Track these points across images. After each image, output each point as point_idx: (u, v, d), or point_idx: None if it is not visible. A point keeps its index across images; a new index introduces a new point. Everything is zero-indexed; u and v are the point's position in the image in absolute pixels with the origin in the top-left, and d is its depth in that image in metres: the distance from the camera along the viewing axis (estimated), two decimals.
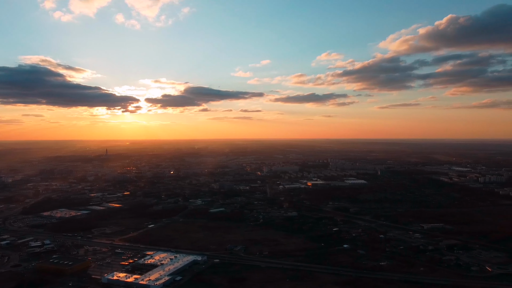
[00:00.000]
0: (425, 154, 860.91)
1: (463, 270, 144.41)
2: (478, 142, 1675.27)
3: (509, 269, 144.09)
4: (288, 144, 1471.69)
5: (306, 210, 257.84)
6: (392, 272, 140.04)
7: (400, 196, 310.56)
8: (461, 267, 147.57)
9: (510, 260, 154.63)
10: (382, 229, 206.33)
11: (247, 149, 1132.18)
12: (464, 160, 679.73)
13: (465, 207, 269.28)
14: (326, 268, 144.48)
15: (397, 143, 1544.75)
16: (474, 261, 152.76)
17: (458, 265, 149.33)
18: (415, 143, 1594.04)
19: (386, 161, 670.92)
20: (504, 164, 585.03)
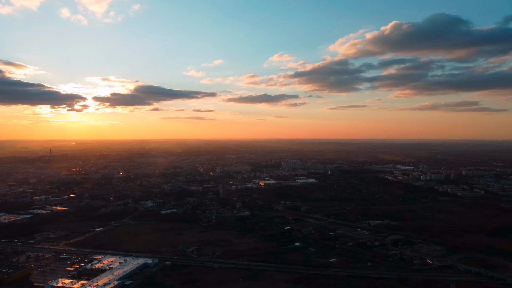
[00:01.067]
0: (372, 154, 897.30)
1: (407, 263, 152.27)
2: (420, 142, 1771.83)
3: (447, 261, 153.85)
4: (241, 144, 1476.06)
5: (259, 210, 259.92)
6: (341, 268, 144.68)
7: (349, 194, 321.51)
8: (404, 261, 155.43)
9: (448, 253, 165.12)
10: (332, 226, 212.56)
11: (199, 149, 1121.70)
12: (408, 159, 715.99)
13: (409, 204, 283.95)
14: (279, 267, 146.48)
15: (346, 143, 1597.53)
16: (417, 255, 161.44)
17: (402, 259, 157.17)
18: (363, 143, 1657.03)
19: (335, 160, 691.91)
20: (443, 163, 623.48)
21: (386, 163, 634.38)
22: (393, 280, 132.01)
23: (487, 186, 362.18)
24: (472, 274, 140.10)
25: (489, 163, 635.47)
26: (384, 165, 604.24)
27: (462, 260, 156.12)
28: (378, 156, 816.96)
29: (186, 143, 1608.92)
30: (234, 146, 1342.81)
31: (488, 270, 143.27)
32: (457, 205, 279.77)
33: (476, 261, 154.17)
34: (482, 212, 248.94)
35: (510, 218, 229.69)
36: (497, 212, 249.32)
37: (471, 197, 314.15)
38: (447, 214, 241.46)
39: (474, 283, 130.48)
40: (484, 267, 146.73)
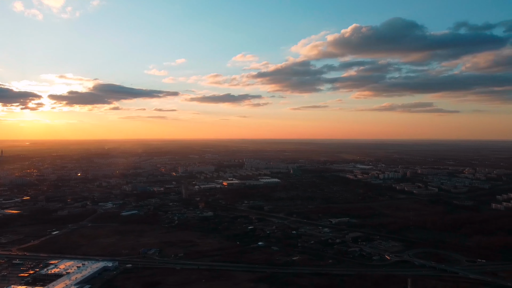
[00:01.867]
0: (333, 153, 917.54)
1: (366, 259, 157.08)
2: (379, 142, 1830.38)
3: (404, 256, 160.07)
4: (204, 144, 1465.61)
5: (222, 210, 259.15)
6: (303, 266, 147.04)
7: (311, 193, 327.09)
8: (364, 257, 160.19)
9: (405, 248, 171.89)
10: (295, 225, 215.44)
11: (161, 149, 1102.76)
12: (367, 159, 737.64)
13: (368, 202, 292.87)
14: (242, 266, 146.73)
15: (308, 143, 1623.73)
16: (376, 251, 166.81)
17: (361, 256, 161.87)
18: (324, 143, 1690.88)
19: (298, 160, 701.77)
20: (400, 162, 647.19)
21: (346, 163, 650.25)
22: (353, 276, 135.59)
23: (441, 184, 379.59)
24: (427, 268, 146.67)
25: (442, 162, 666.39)
26: (344, 164, 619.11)
27: (418, 254, 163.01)
28: (339, 156, 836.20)
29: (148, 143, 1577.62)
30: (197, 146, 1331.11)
31: (441, 263, 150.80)
32: (413, 202, 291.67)
33: (430, 255, 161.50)
34: (436, 209, 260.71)
35: (461, 214, 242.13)
36: (449, 209, 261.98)
37: (426, 194, 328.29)
38: (404, 211, 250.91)
39: (429, 277, 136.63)
40: (438, 261, 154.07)
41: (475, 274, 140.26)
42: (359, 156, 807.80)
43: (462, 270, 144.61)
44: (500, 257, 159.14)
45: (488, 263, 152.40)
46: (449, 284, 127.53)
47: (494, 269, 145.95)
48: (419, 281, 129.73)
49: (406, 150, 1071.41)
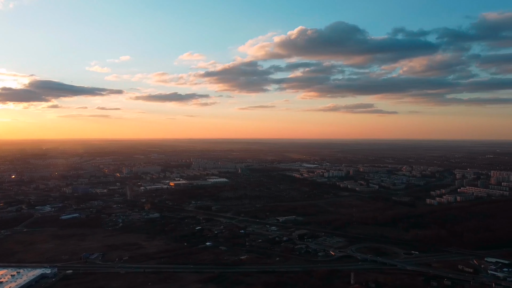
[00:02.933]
0: (280, 153, 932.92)
1: (312, 256, 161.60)
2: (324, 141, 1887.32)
3: (347, 252, 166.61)
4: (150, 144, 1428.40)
5: (169, 211, 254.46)
6: (251, 265, 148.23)
7: (259, 192, 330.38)
8: (310, 253, 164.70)
9: (348, 243, 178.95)
10: (243, 224, 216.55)
11: (104, 149, 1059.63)
12: (313, 158, 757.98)
13: (314, 200, 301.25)
14: (190, 267, 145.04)
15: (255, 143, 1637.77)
16: (321, 247, 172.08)
17: (307, 252, 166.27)
18: (272, 142, 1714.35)
19: (246, 159, 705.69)
20: (343, 161, 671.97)
21: (293, 162, 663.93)
22: (300, 273, 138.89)
23: (381, 181, 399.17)
24: (369, 262, 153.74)
25: (382, 160, 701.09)
26: (291, 163, 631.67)
27: (360, 249, 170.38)
28: (286, 155, 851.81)
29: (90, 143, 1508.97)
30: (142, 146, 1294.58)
31: (382, 257, 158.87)
32: (356, 199, 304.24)
33: (372, 249, 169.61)
34: (377, 205, 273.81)
35: (399, 209, 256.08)
36: (388, 205, 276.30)
37: (368, 191, 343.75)
38: (348, 208, 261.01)
39: (370, 270, 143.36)
40: (378, 254, 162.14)
41: (412, 265, 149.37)
42: (305, 155, 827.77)
43: (400, 262, 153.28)
44: (433, 249, 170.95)
45: (423, 255, 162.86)
46: (389, 276, 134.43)
47: (428, 260, 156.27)
48: (361, 274, 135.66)
49: (349, 149, 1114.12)
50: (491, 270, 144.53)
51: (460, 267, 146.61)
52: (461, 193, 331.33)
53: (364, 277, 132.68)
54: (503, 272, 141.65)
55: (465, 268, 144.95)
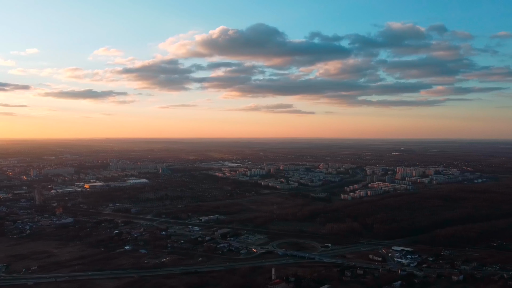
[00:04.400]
0: (202, 152, 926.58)
1: (234, 254, 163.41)
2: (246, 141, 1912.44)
3: (269, 248, 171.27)
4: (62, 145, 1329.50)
5: (84, 215, 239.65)
6: (173, 267, 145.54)
7: (181, 193, 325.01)
8: (232, 252, 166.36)
9: (270, 240, 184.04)
10: (164, 226, 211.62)
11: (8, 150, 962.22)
12: (235, 157, 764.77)
13: (236, 198, 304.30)
14: (107, 274, 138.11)
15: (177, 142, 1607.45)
16: (243, 245, 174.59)
17: (230, 251, 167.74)
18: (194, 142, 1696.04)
19: (167, 159, 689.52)
20: (265, 159, 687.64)
21: (215, 161, 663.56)
22: (222, 272, 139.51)
23: (300, 179, 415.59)
24: (289, 257, 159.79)
25: (301, 158, 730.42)
26: (213, 162, 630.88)
27: (280, 245, 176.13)
28: (208, 154, 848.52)
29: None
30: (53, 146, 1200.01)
31: (301, 251, 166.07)
32: (277, 196, 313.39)
33: (291, 244, 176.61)
34: (296, 202, 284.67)
35: (317, 205, 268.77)
36: (307, 201, 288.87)
37: (288, 189, 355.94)
38: (269, 205, 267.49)
39: (290, 264, 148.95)
40: (298, 249, 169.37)
41: (328, 258, 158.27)
42: (228, 155, 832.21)
43: (318, 255, 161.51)
44: (348, 241, 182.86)
45: (338, 247, 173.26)
46: (307, 269, 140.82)
47: (343, 252, 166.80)
48: (282, 269, 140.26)
49: (270, 148, 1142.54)
50: (397, 257, 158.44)
51: (370, 256, 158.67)
52: (371, 188, 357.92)
53: (284, 271, 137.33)
54: (407, 259, 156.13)
55: (375, 257, 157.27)
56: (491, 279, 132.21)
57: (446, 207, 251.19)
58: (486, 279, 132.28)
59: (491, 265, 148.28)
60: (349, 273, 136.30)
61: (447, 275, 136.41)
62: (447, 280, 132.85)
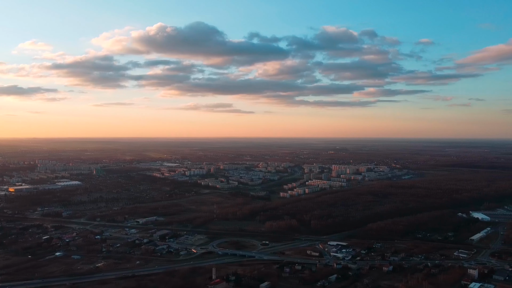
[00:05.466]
0: (139, 152, 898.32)
1: (174, 255, 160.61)
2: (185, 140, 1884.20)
3: (209, 248, 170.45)
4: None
5: (8, 221, 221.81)
6: (109, 272, 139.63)
7: (116, 194, 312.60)
8: (172, 253, 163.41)
9: (210, 240, 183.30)
10: (98, 229, 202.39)
11: None
12: (174, 157, 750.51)
13: (175, 199, 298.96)
14: (35, 283, 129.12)
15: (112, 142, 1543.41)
16: (183, 246, 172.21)
17: (169, 252, 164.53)
18: (130, 141, 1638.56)
19: (101, 160, 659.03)
20: (205, 159, 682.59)
21: (153, 161, 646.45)
22: (161, 274, 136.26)
23: (240, 178, 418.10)
24: (229, 256, 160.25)
25: (241, 157, 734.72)
26: (151, 163, 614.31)
27: (221, 244, 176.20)
28: (146, 154, 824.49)
29: None
30: None
31: (241, 250, 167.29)
32: (217, 196, 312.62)
33: (232, 243, 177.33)
34: (236, 201, 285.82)
35: (257, 204, 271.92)
36: (247, 200, 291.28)
37: (228, 188, 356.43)
38: (209, 205, 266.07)
39: (231, 263, 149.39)
40: (238, 248, 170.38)
41: (268, 255, 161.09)
42: (166, 154, 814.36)
43: (258, 253, 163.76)
44: (286, 238, 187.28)
45: (277, 244, 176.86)
46: (247, 267, 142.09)
47: (282, 249, 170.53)
48: (222, 268, 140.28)
49: (210, 148, 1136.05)
50: (333, 252, 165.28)
51: (308, 252, 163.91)
52: (308, 185, 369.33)
53: (225, 271, 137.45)
54: (342, 253, 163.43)
55: (313, 253, 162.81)
56: (417, 268, 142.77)
57: (377, 202, 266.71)
58: (413, 268, 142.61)
59: (417, 255, 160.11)
60: (288, 269, 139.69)
61: (378, 266, 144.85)
62: (378, 271, 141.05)
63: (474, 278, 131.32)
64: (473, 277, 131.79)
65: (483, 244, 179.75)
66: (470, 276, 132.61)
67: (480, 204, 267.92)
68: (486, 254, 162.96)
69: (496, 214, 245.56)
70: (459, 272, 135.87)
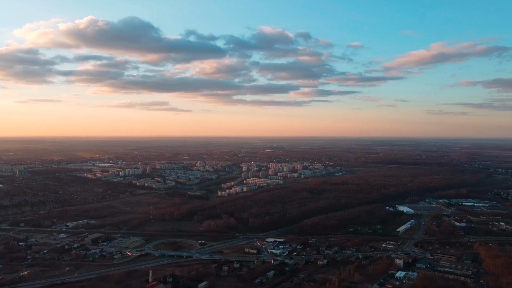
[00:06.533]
0: (69, 152, 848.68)
1: (107, 260, 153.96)
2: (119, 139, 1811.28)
3: (145, 250, 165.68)
4: None
5: None
6: (35, 280, 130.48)
7: (43, 197, 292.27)
8: (105, 257, 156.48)
9: (146, 242, 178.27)
10: (23, 235, 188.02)
11: None
12: (107, 157, 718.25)
13: (108, 201, 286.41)
14: None
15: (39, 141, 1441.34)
16: (117, 250, 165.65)
17: (102, 256, 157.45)
18: (59, 141, 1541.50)
19: (25, 161, 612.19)
20: (140, 159, 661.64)
21: (84, 161, 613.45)
22: (94, 280, 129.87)
23: (177, 177, 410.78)
24: (166, 257, 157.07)
25: (178, 156, 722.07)
26: (82, 163, 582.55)
27: (157, 246, 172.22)
28: (76, 154, 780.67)
29: None
30: None
31: (178, 250, 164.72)
32: (153, 196, 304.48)
33: (169, 244, 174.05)
34: (174, 201, 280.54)
35: (195, 203, 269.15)
36: (184, 199, 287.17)
37: (165, 188, 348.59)
38: (145, 206, 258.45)
39: (168, 265, 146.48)
40: (175, 248, 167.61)
41: (206, 255, 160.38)
42: (99, 154, 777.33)
43: (196, 253, 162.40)
44: (225, 237, 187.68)
45: (215, 243, 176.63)
46: (185, 268, 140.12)
47: (220, 248, 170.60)
48: (159, 270, 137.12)
49: (145, 147, 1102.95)
50: (270, 248, 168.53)
51: (246, 250, 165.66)
52: (246, 184, 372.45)
53: (162, 272, 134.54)
54: (280, 249, 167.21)
55: (251, 250, 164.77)
56: (349, 260, 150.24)
57: (312, 198, 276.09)
58: (345, 261, 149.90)
59: (349, 248, 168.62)
60: (226, 268, 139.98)
61: (313, 260, 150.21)
62: (313, 265, 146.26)
63: (400, 267, 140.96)
64: (399, 266, 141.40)
65: (408, 235, 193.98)
66: (397, 266, 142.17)
67: (405, 198, 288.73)
68: (410, 245, 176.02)
69: (418, 207, 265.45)
70: (386, 262, 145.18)
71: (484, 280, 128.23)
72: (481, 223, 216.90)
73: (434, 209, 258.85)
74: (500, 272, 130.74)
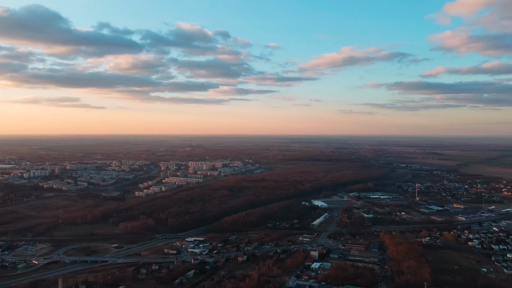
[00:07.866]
0: None
1: (9, 270, 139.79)
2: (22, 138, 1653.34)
3: (54, 257, 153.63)
4: None
5: None
6: None
7: None
8: (7, 268, 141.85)
9: (55, 248, 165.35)
10: None
11: None
12: (8, 157, 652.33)
13: (10, 205, 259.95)
14: None
15: None
16: (21, 259, 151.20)
17: (3, 267, 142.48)
18: None
19: None
20: (47, 159, 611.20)
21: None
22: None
23: (90, 178, 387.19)
24: (78, 263, 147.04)
25: (91, 156, 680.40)
26: None
27: (68, 252, 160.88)
28: None
29: None
30: None
31: (92, 255, 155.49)
32: (63, 199, 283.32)
33: (81, 250, 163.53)
34: (86, 203, 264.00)
35: (110, 205, 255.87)
36: (98, 201, 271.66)
37: (76, 190, 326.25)
38: (53, 210, 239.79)
39: (80, 271, 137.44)
40: (89, 254, 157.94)
41: (123, 258, 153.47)
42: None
43: (111, 257, 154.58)
44: (143, 238, 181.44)
45: (133, 246, 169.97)
46: (100, 273, 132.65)
47: (138, 250, 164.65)
48: (71, 278, 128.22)
49: (54, 146, 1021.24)
50: (191, 248, 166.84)
51: (166, 250, 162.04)
52: (165, 183, 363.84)
53: (73, 280, 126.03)
54: (200, 248, 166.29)
55: (170, 251, 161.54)
56: (268, 255, 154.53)
57: (232, 196, 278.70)
58: (264, 256, 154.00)
59: (268, 243, 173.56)
60: (145, 270, 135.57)
61: (233, 257, 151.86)
62: (233, 262, 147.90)
63: (315, 258, 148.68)
64: (314, 258, 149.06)
65: (322, 228, 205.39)
66: (312, 257, 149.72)
67: (319, 193, 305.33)
68: (325, 237, 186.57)
69: (332, 201, 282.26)
70: (303, 255, 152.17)
71: (389, 266, 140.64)
72: (386, 213, 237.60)
73: (346, 202, 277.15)
74: (402, 258, 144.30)
